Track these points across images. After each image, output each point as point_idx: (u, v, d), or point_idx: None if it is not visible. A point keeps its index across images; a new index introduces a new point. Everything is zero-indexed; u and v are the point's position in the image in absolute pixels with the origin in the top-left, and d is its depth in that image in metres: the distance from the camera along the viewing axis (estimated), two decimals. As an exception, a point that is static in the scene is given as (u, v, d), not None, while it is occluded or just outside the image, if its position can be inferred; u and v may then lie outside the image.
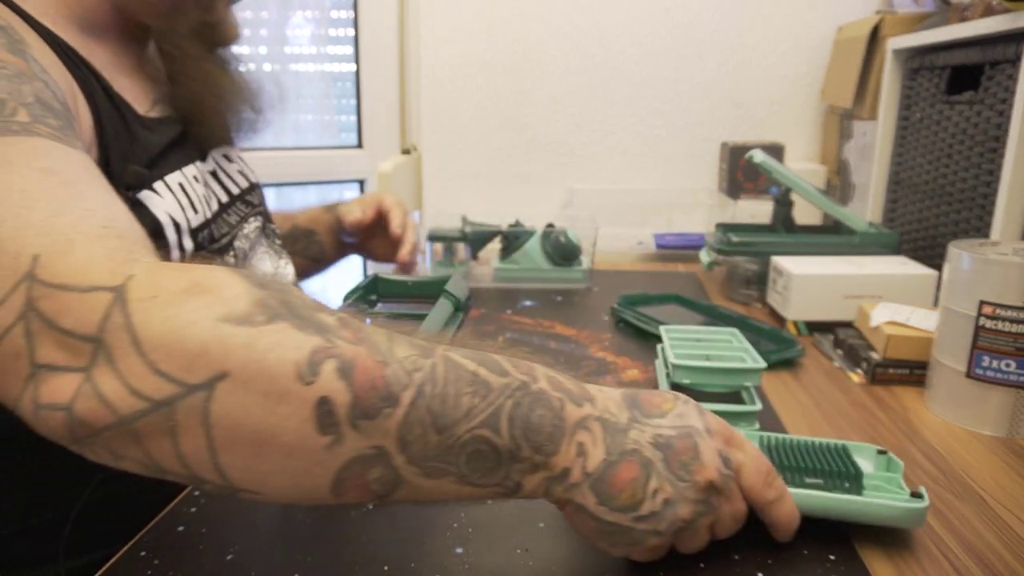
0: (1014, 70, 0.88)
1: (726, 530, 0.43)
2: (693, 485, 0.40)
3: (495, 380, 0.38)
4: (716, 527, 0.43)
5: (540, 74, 1.75)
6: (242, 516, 0.49)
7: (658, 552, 0.42)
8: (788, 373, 0.76)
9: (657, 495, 0.39)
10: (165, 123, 0.66)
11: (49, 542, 0.57)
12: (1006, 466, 0.57)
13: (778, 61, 1.70)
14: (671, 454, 0.40)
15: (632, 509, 0.39)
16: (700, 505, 0.40)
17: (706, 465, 0.40)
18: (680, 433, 0.41)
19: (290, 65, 1.80)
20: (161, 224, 0.59)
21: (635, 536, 0.40)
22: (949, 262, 0.65)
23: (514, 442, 0.38)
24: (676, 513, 0.40)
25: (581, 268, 1.10)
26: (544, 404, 0.39)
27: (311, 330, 0.35)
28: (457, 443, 0.36)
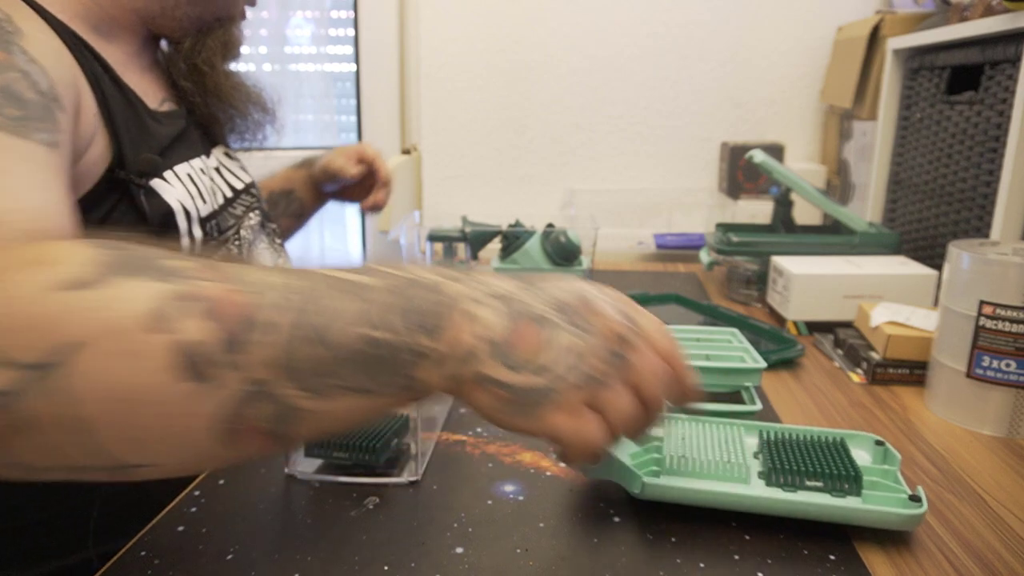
0: (1014, 70, 0.88)
1: (649, 387, 0.40)
2: (599, 334, 0.38)
3: (372, 281, 0.36)
4: (639, 386, 0.39)
5: (540, 74, 1.75)
6: (242, 516, 0.49)
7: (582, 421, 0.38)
8: (788, 373, 0.76)
9: (565, 349, 0.37)
10: (172, 117, 0.69)
11: (36, 542, 0.57)
12: (1006, 466, 0.57)
13: (778, 61, 1.70)
14: (570, 312, 0.39)
15: (544, 368, 0.37)
16: (611, 356, 0.38)
17: (605, 315, 0.39)
18: (574, 294, 0.40)
19: (290, 65, 1.80)
20: (173, 210, 0.61)
21: (551, 396, 0.37)
22: (949, 262, 0.65)
23: (399, 331, 0.35)
24: (590, 364, 0.38)
25: (581, 268, 1.10)
26: (422, 285, 0.37)
27: (160, 277, 0.32)
28: (344, 351, 0.34)
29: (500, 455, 0.57)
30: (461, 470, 0.55)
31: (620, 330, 0.39)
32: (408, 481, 0.53)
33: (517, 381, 0.37)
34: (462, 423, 0.63)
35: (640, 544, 0.46)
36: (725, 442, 0.53)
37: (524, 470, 0.55)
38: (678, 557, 0.44)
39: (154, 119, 0.65)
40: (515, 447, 0.58)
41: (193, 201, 0.64)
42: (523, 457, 0.57)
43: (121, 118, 0.59)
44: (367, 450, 0.53)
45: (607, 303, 0.40)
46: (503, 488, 0.52)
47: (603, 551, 0.45)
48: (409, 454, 0.55)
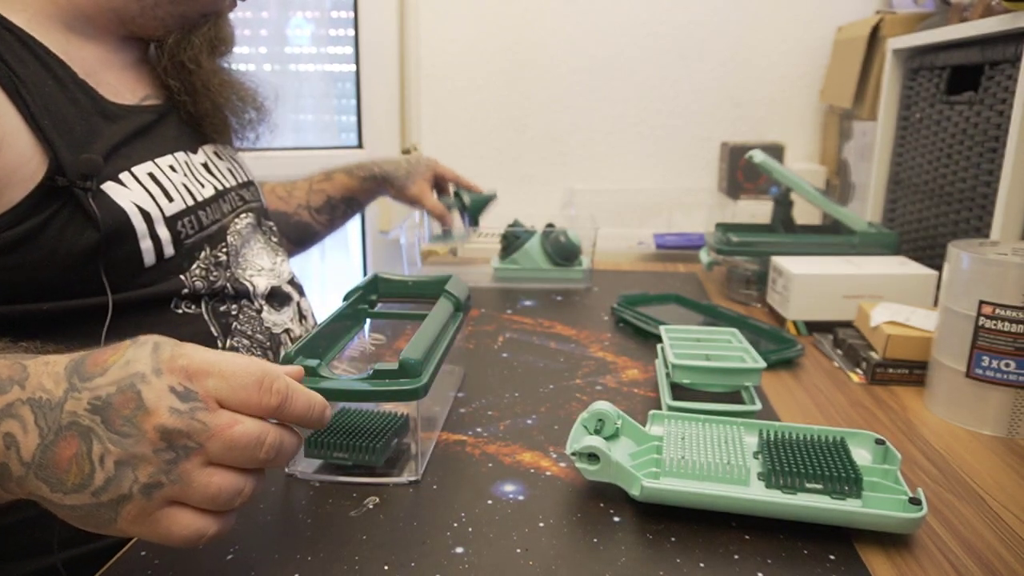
0: (1014, 70, 0.88)
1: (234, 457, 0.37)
2: (141, 436, 0.35)
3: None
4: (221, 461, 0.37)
5: (540, 74, 1.75)
6: (242, 516, 0.49)
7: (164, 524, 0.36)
8: (788, 373, 0.76)
9: (106, 461, 0.35)
10: (140, 113, 0.68)
11: (30, 537, 0.57)
12: (1006, 466, 0.57)
13: (778, 61, 1.70)
14: (111, 413, 0.35)
15: (86, 485, 0.35)
16: (163, 453, 0.35)
17: (152, 410, 0.35)
18: (120, 386, 0.36)
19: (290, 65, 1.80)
20: (126, 213, 0.60)
21: (106, 513, 0.36)
22: (949, 262, 0.65)
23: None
24: (135, 473, 0.35)
25: (581, 268, 1.10)
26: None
27: None
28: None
29: (500, 455, 0.57)
30: (461, 470, 0.55)
31: (171, 424, 0.35)
32: (408, 481, 0.53)
33: (67, 502, 0.36)
34: (462, 423, 0.63)
35: (640, 544, 0.46)
36: (725, 442, 0.54)
37: (524, 470, 0.55)
38: (678, 557, 0.44)
39: (109, 117, 0.64)
40: (515, 447, 0.58)
41: (154, 201, 0.63)
42: (523, 457, 0.57)
43: (57, 121, 0.58)
44: (367, 450, 0.53)
45: (158, 391, 0.36)
46: (503, 488, 0.52)
47: (603, 551, 0.45)
48: (409, 454, 0.55)
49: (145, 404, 0.35)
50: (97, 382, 0.36)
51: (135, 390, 0.36)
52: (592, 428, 0.54)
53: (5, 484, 0.37)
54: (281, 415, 0.39)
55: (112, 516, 0.36)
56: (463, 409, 0.66)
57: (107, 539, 0.59)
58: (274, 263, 0.79)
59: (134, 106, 0.68)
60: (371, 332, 0.85)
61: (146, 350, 0.38)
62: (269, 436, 0.38)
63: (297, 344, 0.54)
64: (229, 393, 0.37)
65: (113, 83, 0.67)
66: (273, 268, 0.78)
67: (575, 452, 0.50)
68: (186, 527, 0.37)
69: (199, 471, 0.36)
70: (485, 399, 0.68)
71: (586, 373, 0.74)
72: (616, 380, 0.73)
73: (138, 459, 0.35)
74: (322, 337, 0.58)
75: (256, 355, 0.71)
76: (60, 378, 0.37)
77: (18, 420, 0.36)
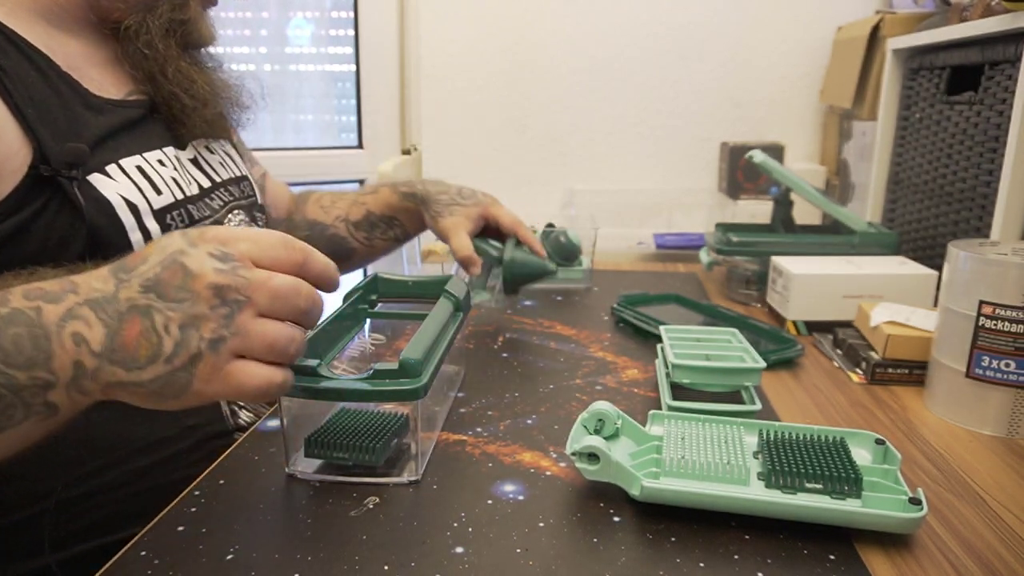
0: (1014, 70, 0.88)
1: (281, 307, 0.41)
2: (196, 297, 0.39)
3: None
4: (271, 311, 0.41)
5: (540, 74, 1.75)
6: (242, 516, 0.49)
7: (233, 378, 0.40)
8: (788, 373, 0.76)
9: (170, 327, 0.39)
10: (126, 107, 0.67)
11: (28, 537, 0.58)
12: (1006, 466, 0.57)
13: (778, 61, 1.70)
14: (162, 287, 0.39)
15: (158, 355, 0.39)
16: (219, 309, 0.39)
17: (199, 273, 0.39)
18: (164, 264, 0.40)
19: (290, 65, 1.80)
20: (112, 205, 0.59)
21: (182, 377, 0.39)
22: (949, 262, 0.65)
23: (6, 375, 0.38)
24: (199, 331, 0.39)
25: (581, 268, 1.10)
26: (16, 322, 0.39)
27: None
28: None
29: (500, 455, 0.57)
30: (461, 470, 0.55)
31: (218, 280, 0.40)
32: (408, 481, 0.53)
33: (144, 377, 0.39)
34: (462, 423, 0.63)
35: (640, 544, 0.46)
36: (725, 442, 0.54)
37: (524, 470, 0.55)
38: (678, 557, 0.44)
39: (94, 109, 0.63)
40: (515, 447, 0.59)
41: (142, 194, 0.62)
42: (523, 457, 0.57)
43: (40, 110, 0.58)
44: (367, 450, 0.53)
45: (199, 257, 0.40)
46: (503, 488, 0.52)
47: (603, 551, 0.45)
48: (409, 454, 0.55)
49: (191, 270, 0.40)
50: (141, 269, 0.40)
51: (178, 263, 0.40)
52: (592, 428, 0.54)
53: (81, 383, 0.40)
54: (305, 270, 0.44)
55: (187, 379, 0.40)
56: (463, 409, 0.66)
57: (99, 540, 0.59)
58: None
59: (119, 100, 0.67)
60: (371, 332, 0.85)
61: (175, 235, 0.42)
62: (303, 286, 0.43)
63: (297, 344, 0.54)
64: (260, 252, 0.42)
65: (97, 78, 0.66)
66: None
67: (575, 452, 0.50)
68: (256, 375, 0.41)
69: (254, 322, 0.40)
70: (485, 399, 0.68)
71: (586, 373, 0.74)
72: (616, 380, 0.73)
73: (198, 318, 0.39)
74: (322, 337, 0.58)
75: None
76: (107, 277, 0.41)
77: (81, 320, 0.39)
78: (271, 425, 0.63)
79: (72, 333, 0.39)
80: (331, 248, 0.98)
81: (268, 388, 0.41)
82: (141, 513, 0.49)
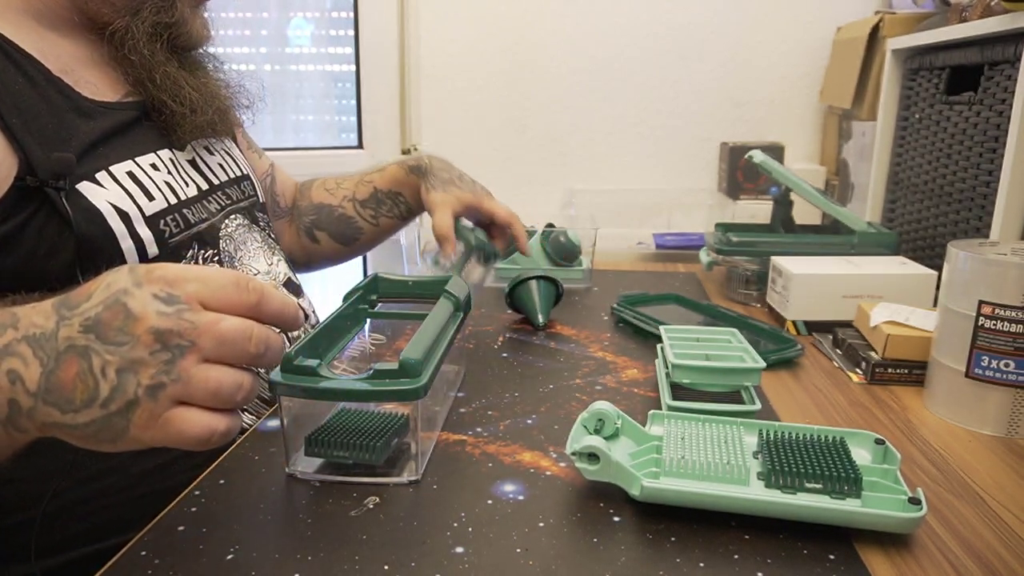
0: (1013, 70, 0.88)
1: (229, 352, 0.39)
2: (136, 341, 0.38)
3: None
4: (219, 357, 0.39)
5: (540, 74, 1.75)
6: (242, 516, 0.49)
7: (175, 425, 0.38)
8: (787, 373, 0.76)
9: (107, 371, 0.37)
10: (119, 110, 0.65)
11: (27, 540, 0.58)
12: (1005, 466, 0.57)
13: (778, 61, 1.70)
14: (102, 328, 0.38)
15: (94, 399, 0.38)
16: (160, 354, 0.38)
17: (140, 316, 0.38)
18: (106, 304, 0.39)
19: (290, 65, 1.80)
20: (102, 214, 0.59)
21: (118, 423, 0.38)
22: (948, 262, 0.65)
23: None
24: (137, 376, 0.38)
25: (581, 268, 1.10)
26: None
27: None
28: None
29: (500, 455, 0.57)
30: (461, 470, 0.55)
31: (161, 325, 0.38)
32: (408, 481, 0.53)
33: (79, 420, 0.38)
34: (462, 423, 0.63)
35: (640, 544, 0.46)
36: (725, 442, 0.54)
37: (524, 470, 0.55)
38: (678, 557, 0.44)
39: (85, 114, 0.62)
40: (515, 447, 0.59)
41: (133, 200, 0.61)
42: (523, 457, 0.57)
43: (26, 120, 0.57)
44: (367, 450, 0.53)
45: (142, 299, 0.38)
46: (503, 488, 0.52)
47: (603, 551, 0.45)
48: (409, 454, 0.55)
49: (132, 312, 0.38)
50: (84, 307, 0.39)
51: (120, 303, 0.38)
52: (592, 428, 0.54)
53: (17, 421, 0.39)
54: (260, 312, 0.41)
55: (124, 425, 0.38)
56: (463, 409, 0.66)
57: (99, 544, 0.59)
58: (270, 264, 0.78)
59: (114, 103, 0.66)
60: (371, 332, 0.85)
61: (123, 272, 0.40)
62: (255, 329, 0.40)
63: (297, 344, 0.54)
64: (210, 294, 0.40)
65: (92, 80, 0.65)
66: (268, 271, 0.78)
67: (575, 452, 0.50)
68: (195, 424, 0.39)
69: (196, 368, 0.38)
70: (485, 399, 0.68)
71: (586, 373, 0.74)
72: (616, 380, 0.73)
73: (137, 363, 0.38)
74: (322, 337, 0.58)
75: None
76: (49, 313, 0.40)
77: (18, 357, 0.39)
78: (271, 425, 0.63)
79: (8, 370, 0.38)
80: (339, 228, 0.97)
81: (209, 437, 0.39)
82: (140, 518, 0.48)
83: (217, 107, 0.73)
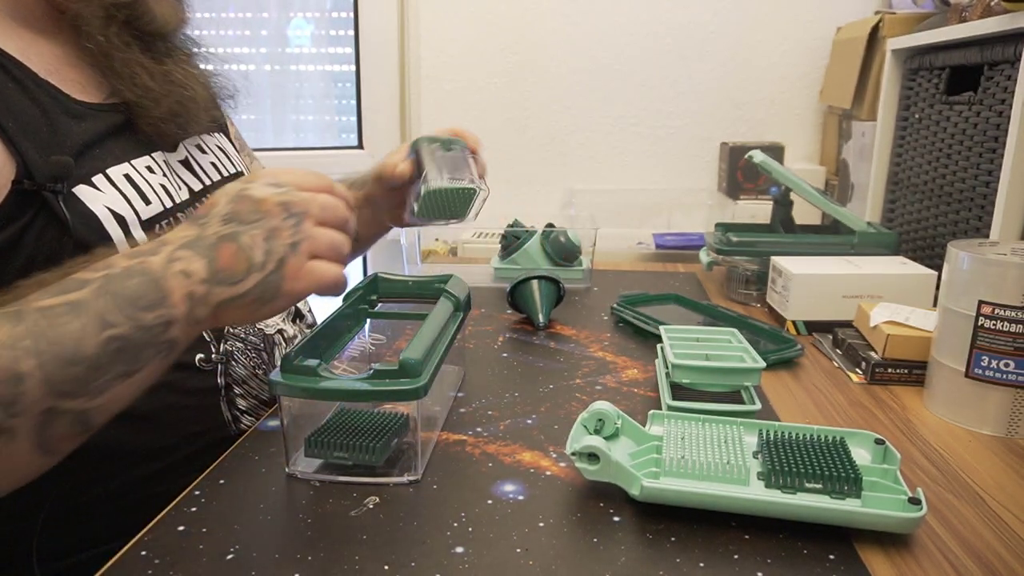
0: (1013, 70, 0.88)
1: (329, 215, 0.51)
2: (268, 215, 0.48)
3: (83, 295, 0.44)
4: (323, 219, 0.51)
5: (540, 74, 1.75)
6: (242, 516, 0.49)
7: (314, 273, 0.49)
8: (787, 373, 0.76)
9: (256, 241, 0.48)
10: (108, 111, 0.64)
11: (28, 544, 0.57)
12: (1005, 466, 0.57)
13: (778, 61, 1.70)
14: (239, 215, 0.48)
15: (252, 266, 0.47)
16: (289, 220, 0.49)
17: (264, 198, 0.49)
18: (234, 200, 0.49)
19: (290, 65, 1.80)
20: (98, 218, 0.58)
21: (274, 280, 0.48)
22: (948, 262, 0.65)
23: (133, 320, 0.44)
24: (279, 239, 0.48)
25: (581, 268, 1.10)
26: (129, 274, 0.45)
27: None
28: (95, 359, 0.43)
29: (500, 455, 0.57)
30: (461, 470, 0.55)
31: (281, 199, 0.49)
32: (408, 481, 0.53)
33: (247, 286, 0.47)
34: (462, 423, 0.63)
35: (640, 544, 0.46)
36: (725, 442, 0.54)
37: (524, 470, 0.55)
38: (678, 557, 0.44)
39: (76, 116, 0.60)
40: (515, 447, 0.59)
41: (129, 204, 0.60)
42: (523, 457, 0.57)
43: (21, 123, 0.55)
44: (367, 450, 0.53)
45: (258, 187, 0.50)
46: (503, 488, 0.52)
47: (603, 551, 0.45)
48: (409, 454, 0.55)
49: (257, 197, 0.49)
50: (215, 211, 0.49)
51: (245, 194, 0.49)
52: (592, 428, 0.54)
53: (195, 312, 0.47)
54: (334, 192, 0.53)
55: (279, 280, 0.48)
56: (463, 409, 0.66)
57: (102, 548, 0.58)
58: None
59: (103, 104, 0.64)
60: (371, 332, 0.85)
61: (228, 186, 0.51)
62: (339, 200, 0.53)
63: (297, 344, 0.54)
64: (301, 180, 0.52)
65: (77, 80, 0.63)
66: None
67: (575, 452, 0.50)
68: (328, 271, 0.50)
69: (316, 228, 0.50)
70: (485, 399, 0.68)
71: (586, 373, 0.74)
72: (616, 380, 0.73)
73: (275, 230, 0.48)
74: (322, 337, 0.58)
75: (251, 358, 0.70)
76: (188, 226, 0.49)
77: (182, 260, 0.47)
78: (271, 425, 0.63)
79: (180, 271, 0.46)
80: None
81: (339, 280, 0.51)
82: (143, 523, 0.48)
83: (179, 97, 0.68)
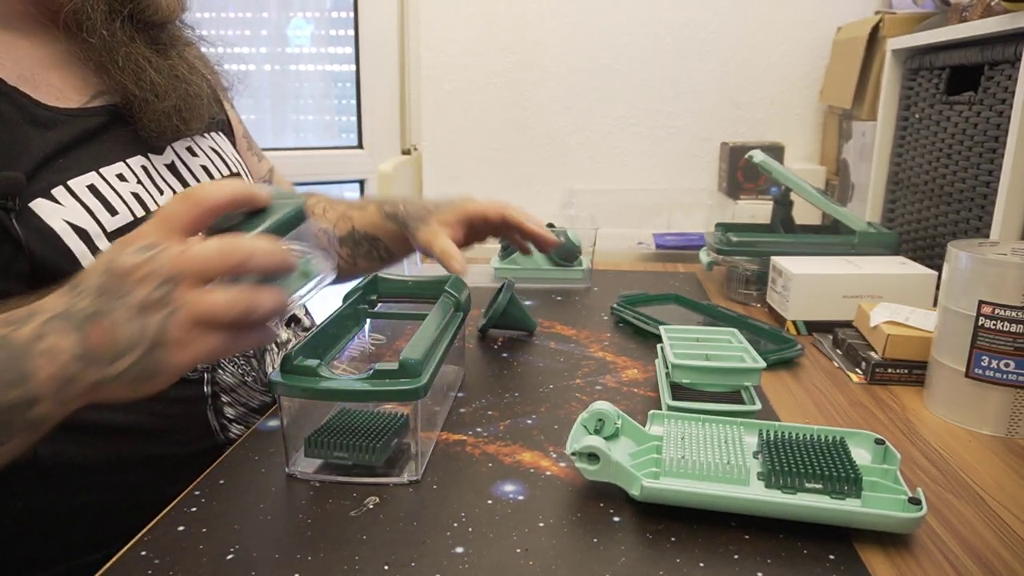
0: (1013, 70, 0.88)
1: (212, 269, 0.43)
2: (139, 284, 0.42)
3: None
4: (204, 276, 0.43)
5: (540, 74, 1.75)
6: (242, 516, 0.49)
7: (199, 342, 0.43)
8: (787, 373, 0.76)
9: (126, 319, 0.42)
10: (92, 114, 0.61)
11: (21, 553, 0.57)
12: (1005, 466, 0.57)
13: (778, 61, 1.70)
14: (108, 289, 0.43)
15: (128, 344, 0.42)
16: (157, 291, 0.42)
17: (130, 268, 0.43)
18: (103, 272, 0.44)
19: (290, 65, 1.80)
20: (57, 234, 0.55)
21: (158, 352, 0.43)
22: (948, 262, 0.65)
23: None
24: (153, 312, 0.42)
25: (581, 268, 1.10)
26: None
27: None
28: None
29: (500, 455, 0.57)
30: (461, 470, 0.55)
31: (148, 268, 0.43)
32: (408, 481, 0.53)
33: (123, 366, 0.43)
34: (462, 423, 0.63)
35: (640, 544, 0.46)
36: (725, 442, 0.54)
37: (524, 470, 0.55)
38: (678, 557, 0.44)
39: (42, 125, 0.57)
40: (515, 447, 0.59)
41: (92, 216, 0.57)
42: (523, 457, 0.57)
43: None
44: (367, 450, 0.53)
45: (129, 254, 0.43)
46: (503, 488, 0.52)
47: (603, 551, 0.45)
48: (409, 454, 0.55)
49: (126, 266, 0.43)
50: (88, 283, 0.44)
51: (113, 265, 0.43)
52: (592, 428, 0.54)
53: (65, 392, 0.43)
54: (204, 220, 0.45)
55: (160, 355, 0.43)
56: (463, 409, 0.66)
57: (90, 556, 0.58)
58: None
59: (79, 109, 0.61)
60: (371, 332, 0.85)
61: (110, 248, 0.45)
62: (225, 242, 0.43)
63: (297, 344, 0.54)
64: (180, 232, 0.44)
65: (56, 83, 0.60)
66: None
67: (575, 452, 0.50)
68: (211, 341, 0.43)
69: (196, 292, 0.43)
70: (485, 399, 0.68)
71: (586, 373, 0.74)
72: (616, 380, 0.73)
73: (145, 304, 0.42)
74: (322, 337, 0.58)
75: (242, 364, 0.70)
76: (61, 295, 0.44)
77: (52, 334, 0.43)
78: (271, 425, 0.63)
79: (45, 349, 0.42)
80: None
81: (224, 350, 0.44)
82: (129, 532, 0.48)
83: (184, 93, 0.66)
